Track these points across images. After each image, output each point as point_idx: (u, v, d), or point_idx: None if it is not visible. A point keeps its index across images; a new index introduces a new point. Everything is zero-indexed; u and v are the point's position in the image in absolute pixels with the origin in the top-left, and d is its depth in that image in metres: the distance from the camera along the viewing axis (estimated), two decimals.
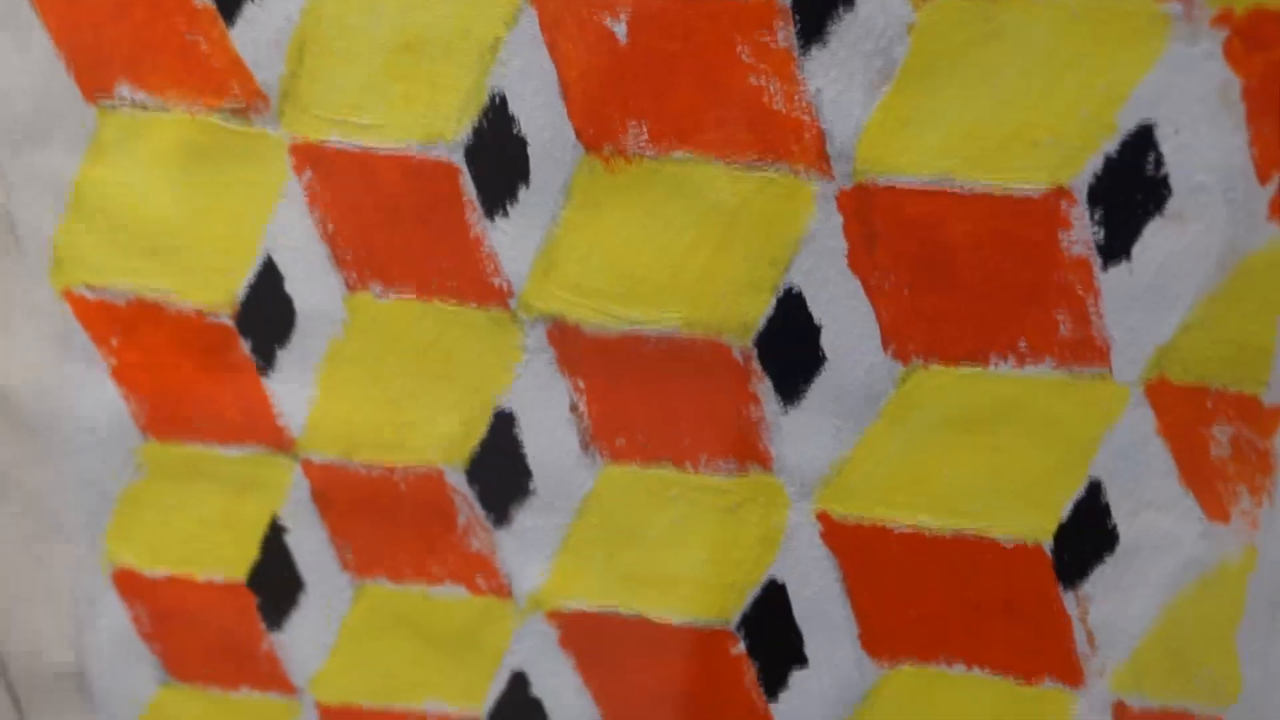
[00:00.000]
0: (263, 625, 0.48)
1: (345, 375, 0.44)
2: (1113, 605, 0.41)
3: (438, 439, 0.44)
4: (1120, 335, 0.39)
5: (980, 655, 0.43)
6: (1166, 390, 0.39)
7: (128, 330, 0.45)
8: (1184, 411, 0.39)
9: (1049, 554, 0.41)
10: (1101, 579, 0.41)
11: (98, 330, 0.45)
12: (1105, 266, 0.38)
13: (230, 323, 0.44)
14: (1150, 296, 0.38)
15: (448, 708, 0.47)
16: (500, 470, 0.44)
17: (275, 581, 0.47)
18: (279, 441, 0.45)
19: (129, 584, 0.48)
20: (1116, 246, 0.38)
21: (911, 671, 0.43)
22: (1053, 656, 0.42)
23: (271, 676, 0.48)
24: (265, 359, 0.44)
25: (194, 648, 0.48)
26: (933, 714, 0.43)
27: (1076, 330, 0.39)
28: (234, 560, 0.47)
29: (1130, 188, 0.37)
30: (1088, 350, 0.39)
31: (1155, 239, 0.38)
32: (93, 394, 0.46)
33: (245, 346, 0.44)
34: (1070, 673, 0.42)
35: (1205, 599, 0.41)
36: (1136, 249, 0.38)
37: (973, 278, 0.39)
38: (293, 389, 0.45)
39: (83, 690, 0.50)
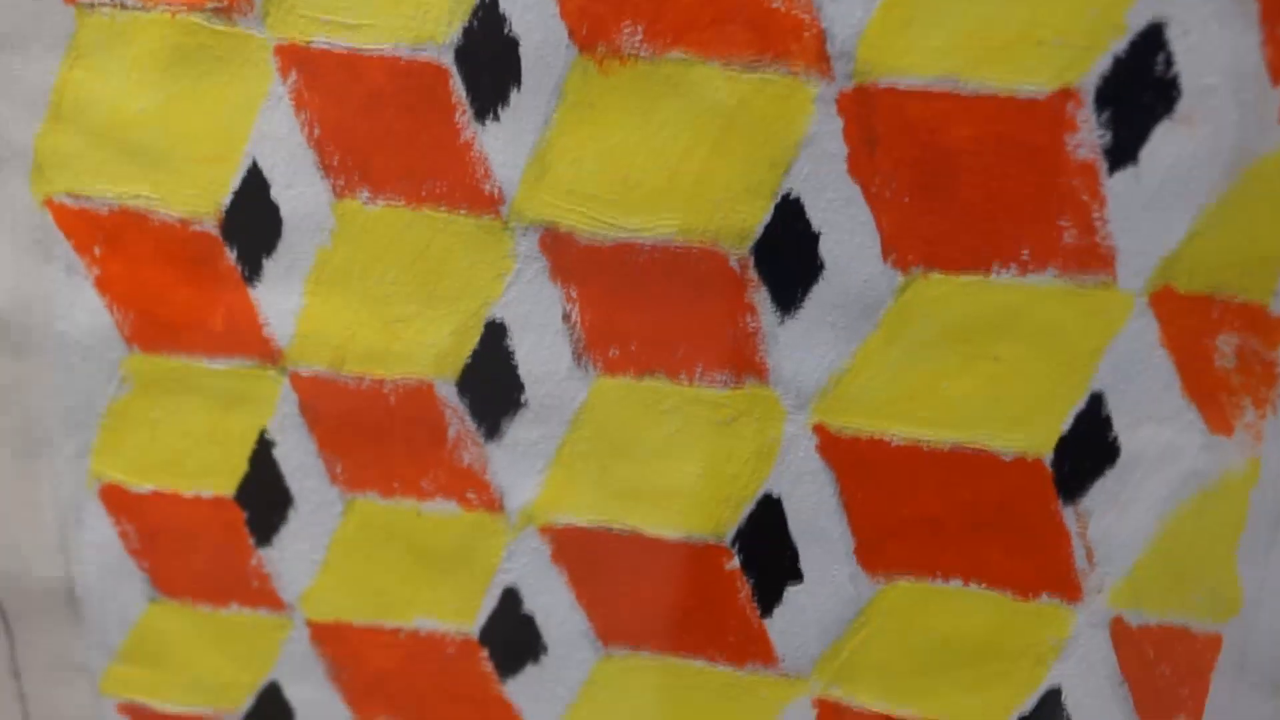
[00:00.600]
0: (251, 541, 0.47)
1: (333, 285, 0.43)
2: (1112, 519, 0.41)
3: (428, 350, 0.43)
4: (1126, 243, 0.38)
5: (977, 570, 0.42)
6: (1171, 299, 0.38)
7: (111, 239, 0.44)
8: (1188, 321, 0.38)
9: (1049, 467, 0.40)
10: (1101, 493, 0.40)
11: (80, 239, 0.44)
12: (1112, 171, 0.37)
13: (215, 231, 0.43)
14: (1157, 202, 0.37)
15: (439, 624, 0.47)
16: (491, 382, 0.43)
17: (264, 496, 0.46)
18: (266, 353, 0.44)
19: (116, 499, 0.47)
20: (1124, 150, 0.37)
21: (907, 586, 0.43)
22: (1051, 571, 0.42)
23: (261, 593, 0.48)
24: (251, 268, 0.44)
25: (183, 564, 0.48)
26: (928, 629, 0.43)
27: (1081, 238, 0.38)
28: (222, 475, 0.46)
29: (1139, 89, 0.36)
30: (1092, 258, 0.38)
31: (1163, 142, 0.37)
32: (76, 305, 0.45)
33: (231, 256, 0.44)
34: (1068, 588, 0.42)
35: (1206, 513, 0.40)
36: (1144, 153, 0.37)
37: (975, 183, 0.38)
38: (280, 299, 0.44)
39: (72, 607, 0.49)
